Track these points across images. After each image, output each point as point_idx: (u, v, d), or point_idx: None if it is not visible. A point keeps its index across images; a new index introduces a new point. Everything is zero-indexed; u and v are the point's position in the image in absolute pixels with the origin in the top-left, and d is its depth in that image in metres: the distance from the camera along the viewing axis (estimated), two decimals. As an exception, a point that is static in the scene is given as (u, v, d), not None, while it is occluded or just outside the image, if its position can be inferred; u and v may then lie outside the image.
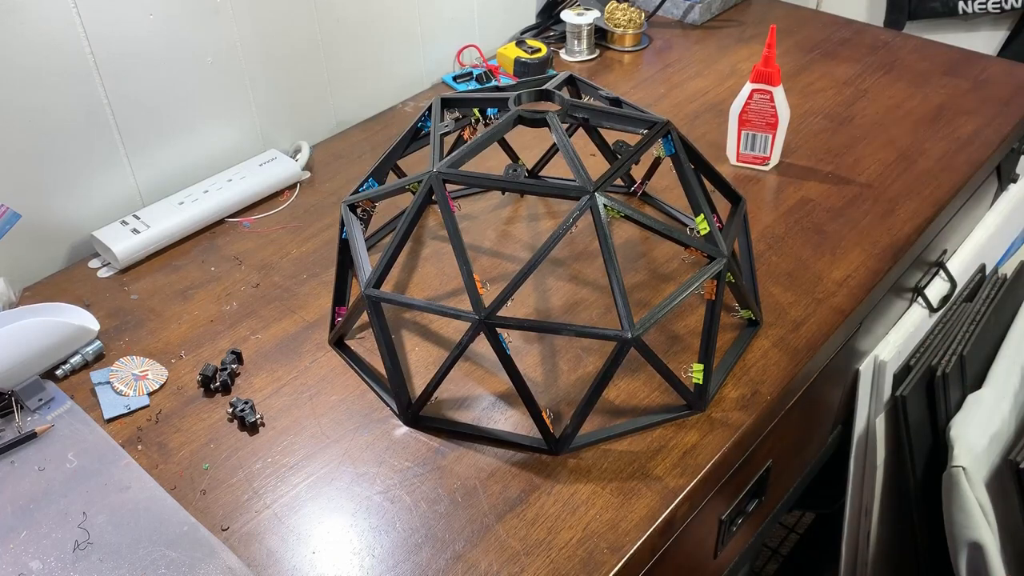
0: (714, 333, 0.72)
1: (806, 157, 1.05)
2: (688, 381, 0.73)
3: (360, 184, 0.80)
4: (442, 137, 0.77)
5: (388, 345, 0.72)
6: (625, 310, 0.66)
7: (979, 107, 1.13)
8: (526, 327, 0.68)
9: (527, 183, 0.72)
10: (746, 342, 0.79)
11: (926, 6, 1.66)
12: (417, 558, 0.63)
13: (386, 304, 0.72)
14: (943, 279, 1.11)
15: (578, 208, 0.67)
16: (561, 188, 0.70)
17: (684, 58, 1.30)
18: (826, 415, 1.03)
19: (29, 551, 0.64)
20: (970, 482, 0.99)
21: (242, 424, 0.73)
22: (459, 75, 1.25)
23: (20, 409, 0.75)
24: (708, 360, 0.72)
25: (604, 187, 0.68)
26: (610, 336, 0.66)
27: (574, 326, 0.67)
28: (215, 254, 0.94)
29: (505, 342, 0.67)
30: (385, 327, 0.71)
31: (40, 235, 0.92)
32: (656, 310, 0.68)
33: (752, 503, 0.87)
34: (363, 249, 0.74)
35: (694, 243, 0.72)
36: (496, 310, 0.66)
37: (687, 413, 0.73)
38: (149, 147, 0.97)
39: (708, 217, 0.72)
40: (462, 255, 0.67)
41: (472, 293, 0.66)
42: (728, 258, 0.71)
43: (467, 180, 0.73)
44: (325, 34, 1.10)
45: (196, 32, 0.96)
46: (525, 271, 0.66)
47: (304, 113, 1.12)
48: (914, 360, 1.07)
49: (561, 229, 0.67)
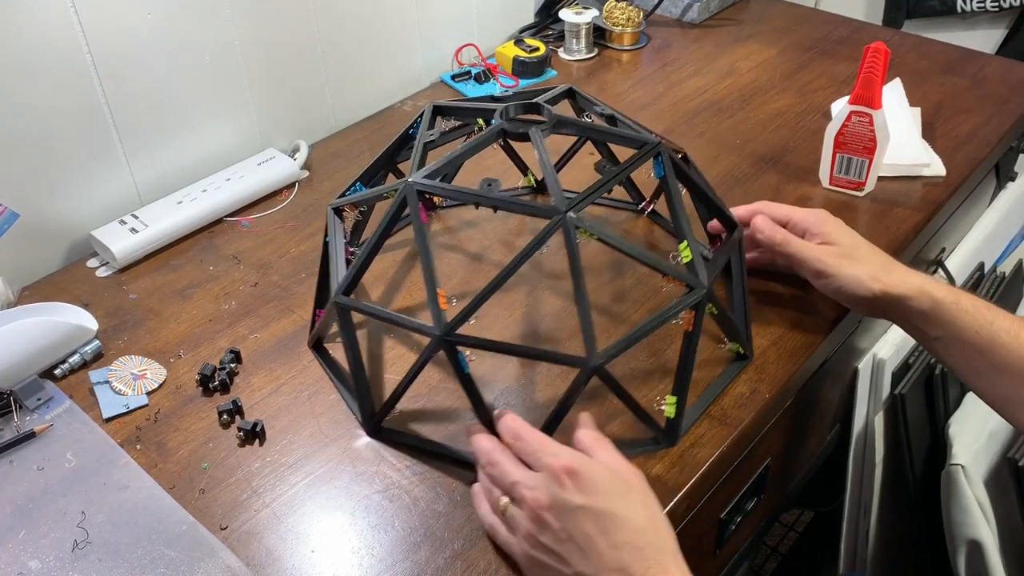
0: (690, 366, 0.69)
1: (804, 155, 1.05)
2: (661, 414, 0.70)
3: (347, 188, 0.80)
4: (426, 145, 0.76)
5: (354, 351, 0.71)
6: (589, 335, 0.63)
7: (977, 105, 1.13)
8: (484, 346, 0.66)
9: (499, 199, 0.69)
10: (730, 377, 0.76)
11: (924, 4, 1.67)
12: (416, 557, 0.63)
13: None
14: (942, 277, 1.11)
15: (548, 228, 0.65)
16: (533, 207, 0.68)
17: (682, 57, 1.30)
18: (825, 413, 1.04)
19: (28, 550, 0.64)
20: (969, 480, 0.99)
21: (250, 436, 0.72)
22: (457, 74, 1.25)
23: (19, 408, 0.75)
24: (682, 393, 0.69)
25: (579, 208, 0.66)
26: (571, 362, 0.64)
27: (535, 349, 0.65)
28: (214, 253, 0.94)
29: (465, 360, 0.65)
30: (352, 334, 0.70)
31: (38, 234, 0.92)
32: (623, 339, 0.65)
33: (751, 501, 0.87)
34: (341, 254, 0.74)
35: (671, 271, 0.68)
36: (456, 327, 0.64)
37: (653, 448, 0.70)
38: (147, 146, 0.97)
39: (692, 244, 0.68)
40: (428, 268, 0.65)
41: (433, 308, 0.64)
42: (707, 289, 0.66)
43: (441, 192, 0.72)
44: (323, 33, 1.10)
45: (194, 31, 0.96)
46: (489, 289, 0.64)
47: (302, 112, 1.12)
48: (913, 358, 1.07)
49: (529, 248, 0.65)
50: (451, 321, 0.64)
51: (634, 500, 0.58)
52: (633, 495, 0.58)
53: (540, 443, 0.61)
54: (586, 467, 0.58)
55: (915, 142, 1.02)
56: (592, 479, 0.57)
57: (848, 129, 0.94)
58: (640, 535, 0.56)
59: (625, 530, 0.56)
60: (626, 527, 0.56)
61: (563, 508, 0.57)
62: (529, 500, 0.58)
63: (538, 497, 0.58)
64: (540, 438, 0.62)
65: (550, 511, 0.57)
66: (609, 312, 0.83)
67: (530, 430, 0.63)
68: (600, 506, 0.56)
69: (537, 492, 0.58)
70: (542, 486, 0.58)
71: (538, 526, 0.58)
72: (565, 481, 0.57)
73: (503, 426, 0.64)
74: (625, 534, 0.56)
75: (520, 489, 0.59)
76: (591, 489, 0.57)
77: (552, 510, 0.57)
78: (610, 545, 0.55)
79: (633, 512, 0.57)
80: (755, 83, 1.21)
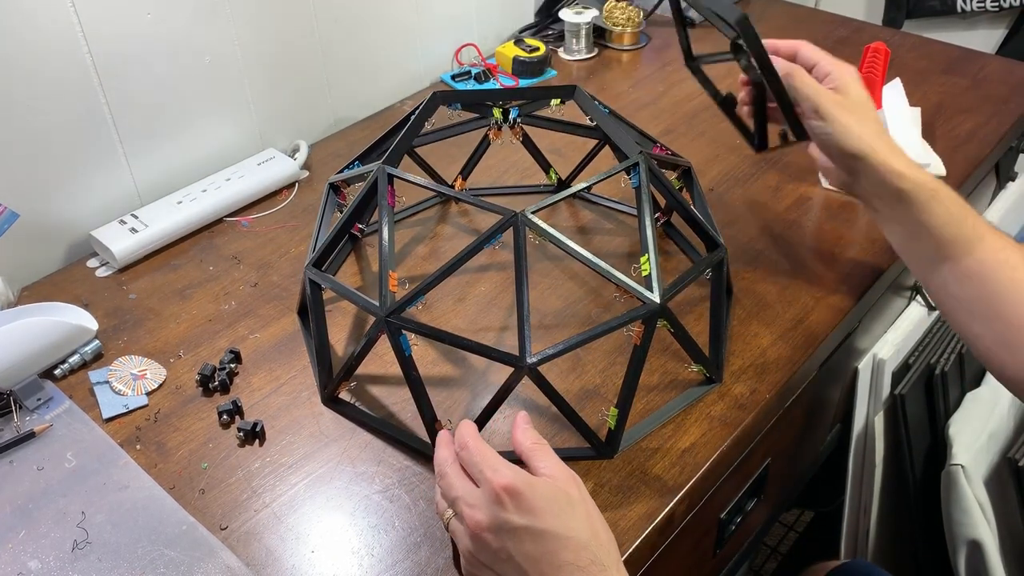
0: (632, 380, 0.67)
1: (805, 156, 1.04)
2: (602, 425, 0.70)
3: (347, 165, 0.84)
4: (411, 132, 0.79)
5: (318, 323, 0.74)
6: (523, 335, 0.63)
7: (977, 105, 1.13)
8: (424, 332, 0.66)
9: (461, 195, 0.71)
10: (689, 400, 0.73)
11: (924, 4, 1.67)
12: (416, 557, 0.63)
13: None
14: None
15: (499, 224, 0.66)
16: (491, 206, 0.68)
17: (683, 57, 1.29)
18: (825, 413, 1.04)
19: (28, 550, 0.64)
20: (969, 480, 0.99)
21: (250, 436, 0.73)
22: (457, 74, 1.25)
23: (19, 409, 0.75)
24: (624, 407, 0.68)
25: (537, 212, 0.67)
26: (505, 360, 0.64)
27: (472, 343, 0.65)
28: (213, 253, 0.94)
29: (408, 343, 0.65)
30: (320, 306, 0.74)
31: (38, 234, 0.92)
32: (562, 344, 0.64)
33: (751, 501, 0.87)
34: (325, 229, 0.79)
35: (622, 283, 0.66)
36: (400, 310, 0.64)
37: (593, 456, 0.69)
38: (147, 146, 0.97)
39: (653, 259, 0.67)
40: (383, 251, 0.66)
41: (383, 289, 0.65)
42: (660, 306, 0.65)
43: (408, 180, 0.72)
44: (323, 33, 1.10)
45: (194, 31, 0.96)
46: (436, 277, 0.65)
47: (302, 112, 1.12)
48: (913, 358, 1.07)
49: (479, 241, 0.66)
50: (396, 303, 0.65)
51: (576, 514, 0.56)
52: (574, 509, 0.57)
53: (483, 456, 0.58)
54: (526, 486, 0.56)
55: (915, 142, 1.02)
56: (532, 498, 0.55)
57: None
58: (582, 553, 0.54)
59: (567, 550, 0.54)
60: (568, 547, 0.54)
61: (502, 528, 0.55)
62: (468, 519, 0.57)
63: (477, 517, 0.56)
64: (483, 450, 0.59)
65: (489, 531, 0.56)
66: (592, 320, 0.83)
67: (476, 441, 0.60)
68: (540, 526, 0.54)
69: (476, 511, 0.56)
70: (482, 504, 0.56)
71: (476, 544, 0.56)
72: (505, 500, 0.55)
73: (456, 434, 0.62)
74: (567, 554, 0.54)
75: (460, 505, 0.58)
76: (531, 509, 0.55)
77: (491, 530, 0.55)
78: (551, 566, 0.54)
79: (575, 528, 0.55)
80: (755, 83, 1.21)
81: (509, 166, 1.04)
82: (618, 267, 0.67)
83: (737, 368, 0.77)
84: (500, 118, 0.87)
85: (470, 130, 0.91)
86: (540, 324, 0.82)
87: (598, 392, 0.75)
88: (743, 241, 0.92)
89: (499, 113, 0.87)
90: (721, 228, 0.89)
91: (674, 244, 0.91)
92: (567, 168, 0.99)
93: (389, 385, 0.76)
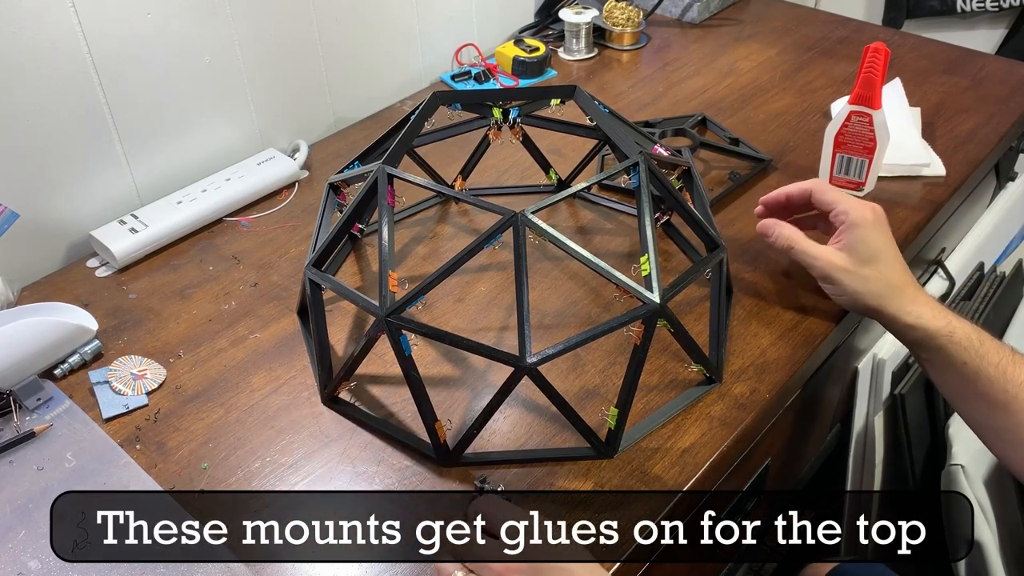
0: (632, 380, 0.67)
1: (805, 155, 1.05)
2: (602, 425, 0.70)
3: (347, 165, 0.83)
4: (411, 132, 0.79)
5: (318, 323, 0.74)
6: (523, 335, 0.63)
7: (977, 105, 1.13)
8: (425, 333, 0.66)
9: (461, 195, 0.71)
10: (689, 400, 0.74)
11: (924, 4, 1.67)
12: (417, 557, 0.63)
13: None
14: (942, 277, 1.11)
15: (499, 224, 0.66)
16: (491, 206, 0.68)
17: (682, 56, 1.30)
18: (825, 413, 1.04)
19: (28, 550, 0.64)
20: (969, 480, 0.99)
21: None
22: (457, 74, 1.25)
23: (18, 408, 0.75)
24: (624, 407, 0.68)
25: (537, 212, 0.67)
26: (505, 360, 0.64)
27: (472, 342, 0.65)
28: (213, 253, 0.94)
29: (408, 343, 0.65)
30: (320, 306, 0.74)
31: (38, 234, 0.92)
32: (562, 344, 0.65)
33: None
34: (325, 229, 0.78)
35: (622, 283, 0.66)
36: (400, 310, 0.64)
37: (593, 456, 0.69)
38: (147, 146, 0.97)
39: (652, 259, 0.67)
40: (383, 251, 0.66)
41: (383, 289, 0.65)
42: (659, 306, 0.65)
43: (408, 180, 0.72)
44: (323, 33, 1.10)
45: (194, 31, 0.96)
46: (436, 277, 0.65)
47: (302, 112, 1.12)
48: (913, 358, 1.07)
49: (479, 241, 0.66)
50: (396, 303, 0.65)
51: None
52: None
53: (490, 553, 0.56)
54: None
55: (915, 142, 1.02)
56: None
57: (848, 129, 0.94)
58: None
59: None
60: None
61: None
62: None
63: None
64: (490, 550, 0.56)
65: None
66: (591, 320, 0.82)
67: (484, 540, 0.57)
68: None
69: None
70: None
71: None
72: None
73: (472, 510, 0.59)
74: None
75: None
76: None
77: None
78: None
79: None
80: (755, 83, 1.21)
81: (509, 166, 1.04)
82: (618, 267, 0.67)
83: (737, 368, 0.77)
84: (500, 118, 0.87)
85: (470, 130, 0.91)
86: (540, 324, 0.82)
87: (598, 392, 0.75)
88: (743, 241, 0.92)
89: (499, 113, 0.87)
90: (721, 228, 0.89)
91: (674, 244, 0.91)
92: (567, 168, 0.99)
93: (389, 385, 0.76)
